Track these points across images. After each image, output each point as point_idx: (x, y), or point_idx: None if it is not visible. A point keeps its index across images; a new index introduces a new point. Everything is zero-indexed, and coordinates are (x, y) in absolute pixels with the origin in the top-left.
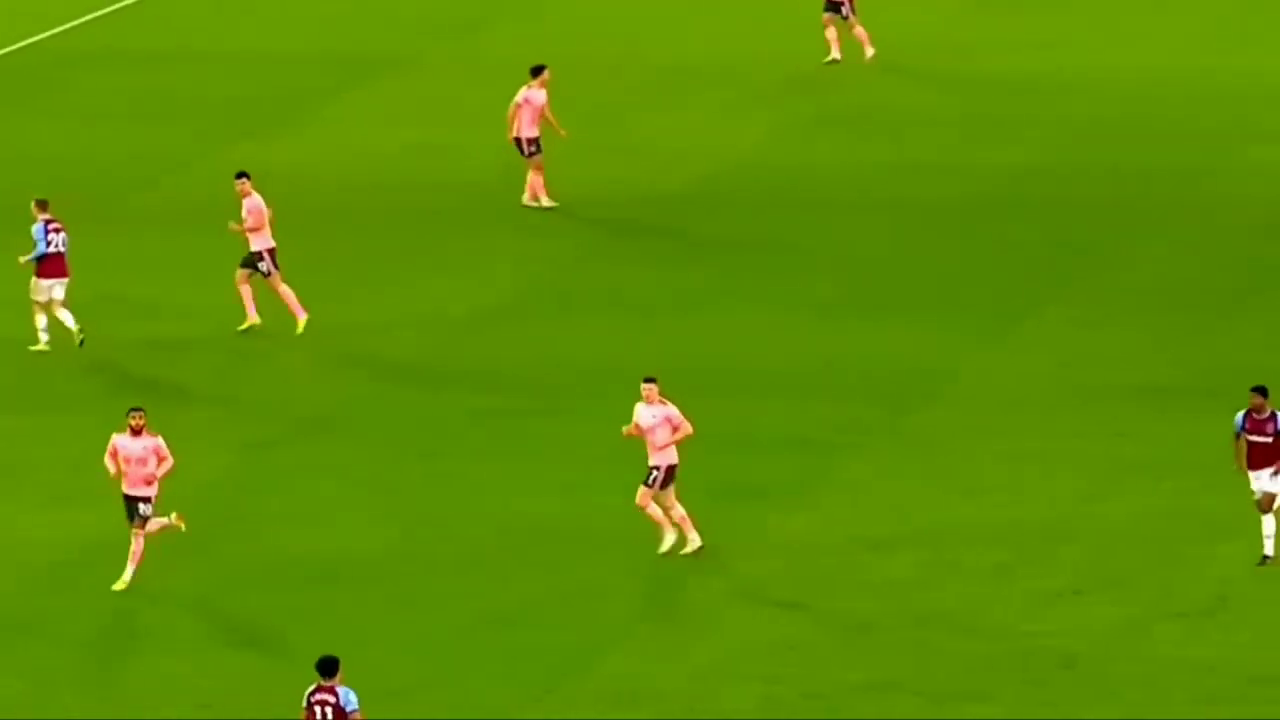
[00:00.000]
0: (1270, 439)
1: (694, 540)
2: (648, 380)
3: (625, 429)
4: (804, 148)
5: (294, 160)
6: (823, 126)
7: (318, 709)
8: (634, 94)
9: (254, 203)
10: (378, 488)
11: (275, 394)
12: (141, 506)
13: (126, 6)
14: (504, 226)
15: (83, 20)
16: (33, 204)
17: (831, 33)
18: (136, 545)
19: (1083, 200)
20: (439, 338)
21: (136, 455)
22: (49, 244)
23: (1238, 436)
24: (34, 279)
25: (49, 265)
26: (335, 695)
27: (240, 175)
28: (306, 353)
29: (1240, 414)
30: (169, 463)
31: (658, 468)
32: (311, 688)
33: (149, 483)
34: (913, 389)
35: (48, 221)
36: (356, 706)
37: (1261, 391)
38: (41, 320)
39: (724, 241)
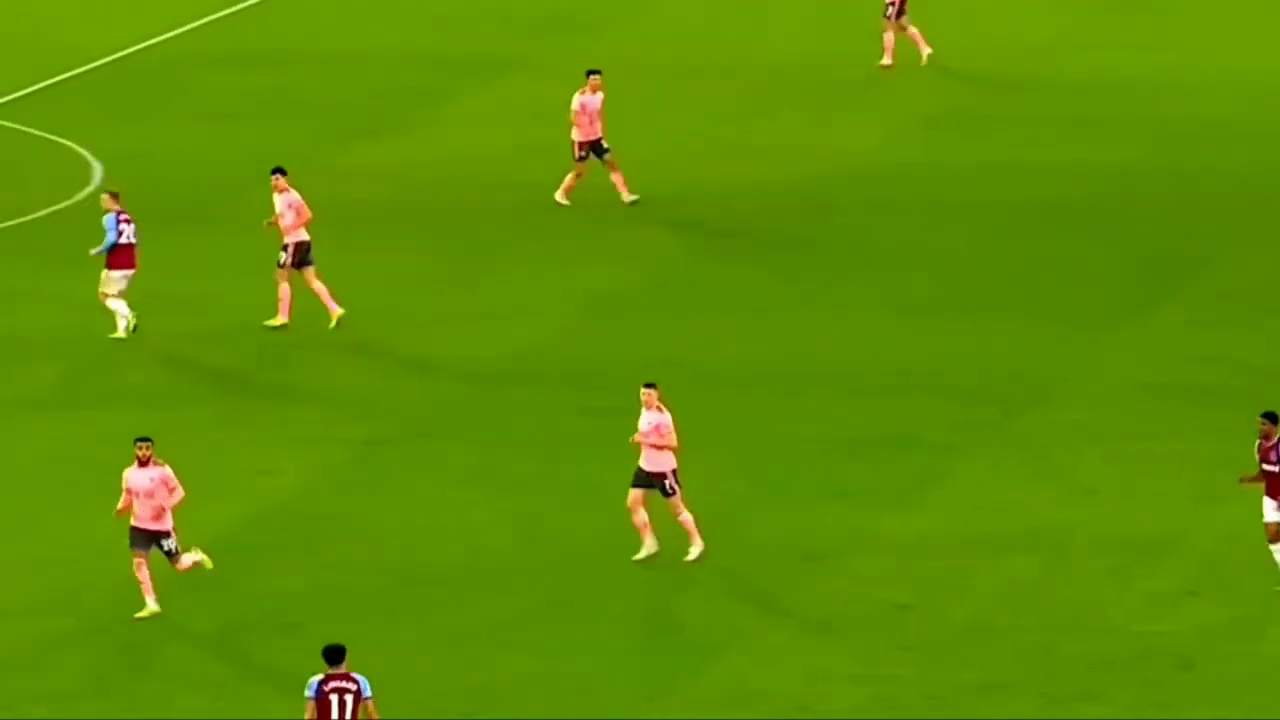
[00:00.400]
0: (1275, 466)
1: (697, 544)
2: (648, 385)
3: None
4: (914, 149)
5: (406, 160)
6: (931, 128)
7: (334, 698)
8: (744, 96)
9: (289, 199)
10: (488, 486)
11: (382, 392)
12: (165, 542)
13: (244, 8)
14: (615, 225)
15: (200, 22)
16: (105, 195)
17: (914, 32)
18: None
19: (1191, 201)
20: (548, 335)
21: (144, 488)
22: (120, 234)
23: None
24: (105, 272)
25: (120, 256)
26: (356, 683)
27: (276, 171)
28: (411, 350)
29: None
30: (179, 493)
31: (663, 474)
32: (319, 677)
33: (157, 517)
34: (1023, 390)
35: (119, 213)
36: (371, 694)
37: (1268, 417)
38: (120, 305)
39: (835, 242)
